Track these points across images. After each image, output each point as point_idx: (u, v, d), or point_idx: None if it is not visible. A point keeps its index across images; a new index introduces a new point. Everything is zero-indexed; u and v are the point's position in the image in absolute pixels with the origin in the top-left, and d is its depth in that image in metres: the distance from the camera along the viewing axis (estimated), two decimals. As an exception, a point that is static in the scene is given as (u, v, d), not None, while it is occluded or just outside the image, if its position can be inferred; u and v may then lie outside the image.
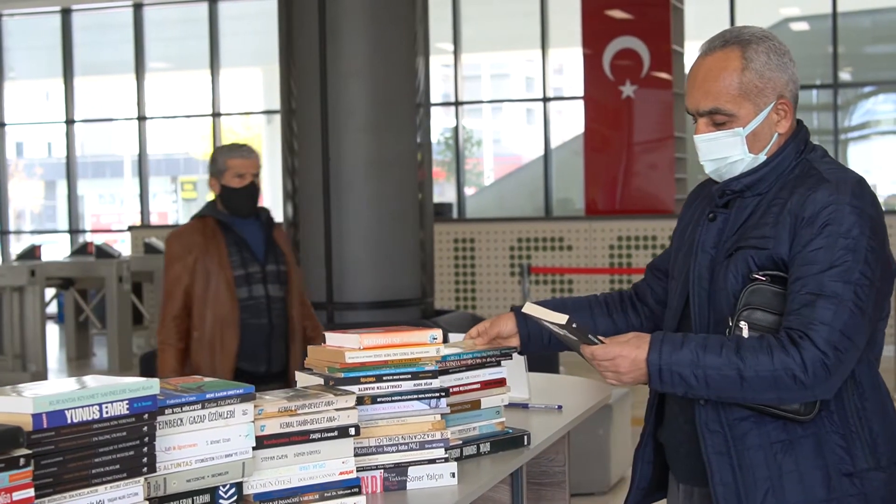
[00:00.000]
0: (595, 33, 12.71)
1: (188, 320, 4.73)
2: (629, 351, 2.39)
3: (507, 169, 18.49)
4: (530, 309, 2.51)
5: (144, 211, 16.35)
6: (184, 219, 20.95)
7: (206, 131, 18.40)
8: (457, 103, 15.17)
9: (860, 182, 2.42)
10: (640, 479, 2.68)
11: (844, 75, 15.10)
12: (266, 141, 20.69)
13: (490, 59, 19.22)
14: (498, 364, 2.85)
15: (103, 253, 11.56)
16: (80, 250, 12.50)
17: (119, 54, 16.83)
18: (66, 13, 16.73)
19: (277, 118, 18.43)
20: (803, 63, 15.52)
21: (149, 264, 12.14)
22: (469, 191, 16.45)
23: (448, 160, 16.21)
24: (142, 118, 16.16)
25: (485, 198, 17.09)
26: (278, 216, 7.57)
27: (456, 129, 15.38)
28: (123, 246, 14.53)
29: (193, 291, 4.75)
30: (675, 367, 2.35)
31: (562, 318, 2.41)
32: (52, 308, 13.98)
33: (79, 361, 11.84)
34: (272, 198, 19.71)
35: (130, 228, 14.50)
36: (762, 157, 2.48)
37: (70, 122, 16.67)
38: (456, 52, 14.91)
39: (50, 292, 12.63)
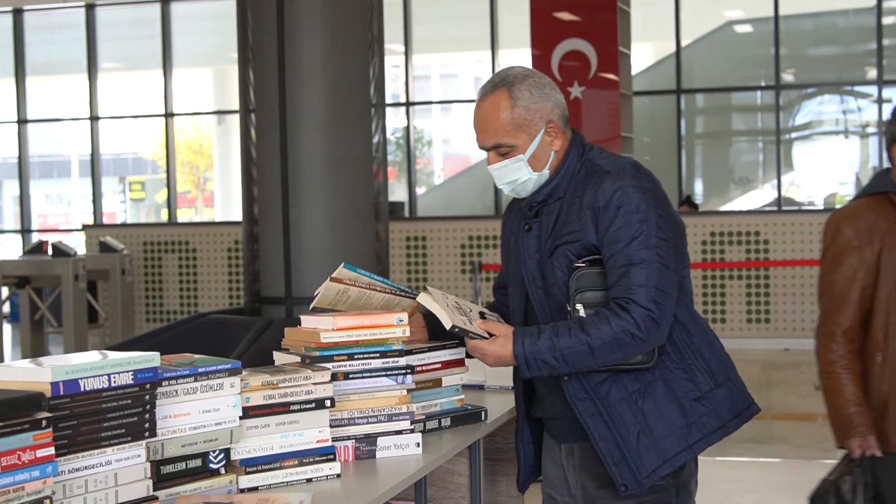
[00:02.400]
0: (543, 35, 12.93)
1: (862, 336, 3.49)
2: (495, 349, 2.84)
3: (456, 168, 18.70)
4: (425, 300, 2.87)
5: (97, 210, 16.42)
6: (132, 219, 20.99)
7: (156, 131, 18.48)
8: (407, 104, 15.38)
9: (635, 165, 2.91)
10: (524, 458, 3.14)
11: (787, 76, 15.41)
12: (216, 141, 20.80)
13: (440, 60, 19.42)
14: (457, 346, 3.10)
15: (59, 251, 11.64)
16: (35, 249, 12.56)
17: (71, 54, 16.88)
18: (17, 13, 16.76)
19: (228, 119, 18.56)
20: (747, 65, 15.88)
21: (104, 263, 12.26)
22: (420, 190, 16.65)
23: (399, 160, 16.40)
24: (94, 118, 16.22)
25: (435, 197, 17.28)
26: (237, 214, 7.75)
27: (407, 129, 15.58)
28: (74, 245, 14.61)
29: (877, 296, 3.45)
30: (538, 355, 2.79)
31: (448, 322, 2.78)
32: (5, 307, 14.03)
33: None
34: (226, 195, 19.85)
35: (85, 227, 14.57)
36: (546, 173, 2.94)
37: (22, 121, 16.71)
38: (406, 53, 15.11)
39: (4, 291, 12.69)
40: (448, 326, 2.79)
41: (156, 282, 13.55)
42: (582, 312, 2.81)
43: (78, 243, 14.72)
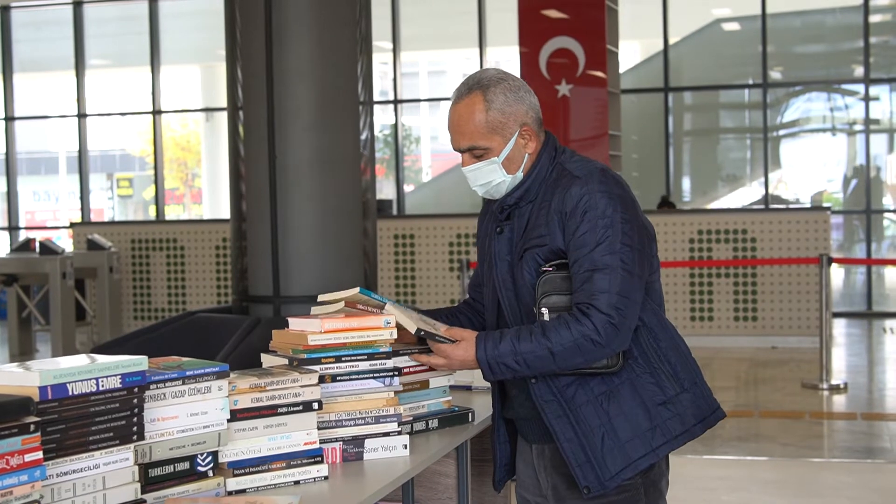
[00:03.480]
0: (531, 33, 12.96)
1: None
2: (459, 353, 2.89)
3: (445, 166, 18.71)
4: (389, 310, 2.93)
5: (85, 208, 16.40)
6: (120, 215, 20.95)
7: (143, 128, 18.45)
8: (395, 101, 15.39)
9: (604, 170, 2.92)
10: (500, 456, 3.17)
11: (774, 74, 15.45)
12: (204, 138, 20.77)
13: (428, 57, 19.42)
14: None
15: (47, 249, 11.65)
16: (23, 247, 12.56)
17: (59, 51, 16.86)
18: (5, 10, 16.73)
19: (216, 116, 18.54)
20: (734, 62, 15.93)
21: (92, 260, 12.26)
22: (408, 187, 16.67)
23: (387, 157, 16.40)
24: (82, 115, 16.20)
25: (423, 194, 17.30)
26: (225, 211, 7.75)
27: (395, 127, 15.59)
28: (61, 243, 14.60)
29: None
30: (500, 359, 2.83)
31: (412, 327, 2.85)
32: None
33: (22, 357, 11.88)
34: (214, 192, 19.82)
35: (72, 225, 14.56)
36: (520, 175, 2.97)
37: (9, 118, 16.68)
38: (395, 51, 15.12)
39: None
40: (413, 330, 2.85)
41: (144, 279, 13.54)
42: (547, 316, 2.85)
43: (60, 237, 14.70)
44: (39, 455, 2.00)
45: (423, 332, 2.86)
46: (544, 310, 2.86)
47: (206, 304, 13.09)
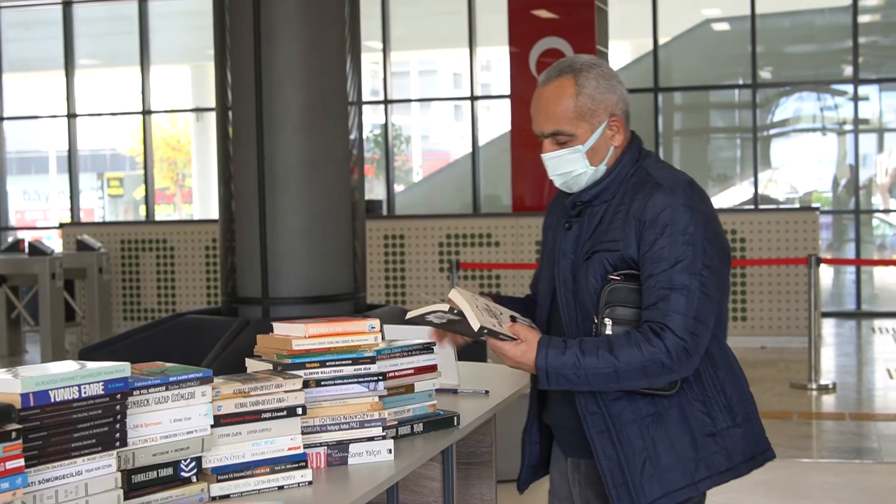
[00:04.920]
0: (521, 33, 12.98)
1: None
2: (516, 353, 2.74)
3: (435, 166, 18.71)
4: (456, 297, 2.79)
5: (75, 208, 16.37)
6: (110, 216, 20.93)
7: (133, 127, 18.43)
8: (386, 101, 15.39)
9: (690, 183, 2.78)
10: (529, 457, 3.07)
11: (764, 74, 15.46)
12: (195, 138, 20.74)
13: (418, 57, 19.42)
14: (430, 351, 3.11)
15: (36, 250, 11.63)
16: (13, 247, 12.54)
17: (48, 51, 16.82)
18: (-6, 10, 16.70)
19: (206, 115, 18.51)
20: (724, 63, 15.94)
21: (81, 261, 12.24)
22: (398, 187, 16.66)
23: (377, 157, 16.40)
24: (72, 115, 16.18)
25: (414, 194, 17.28)
26: (216, 211, 7.75)
27: (385, 126, 15.58)
28: (50, 243, 14.57)
29: None
30: (561, 370, 2.69)
31: (476, 324, 2.71)
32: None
33: (11, 359, 11.88)
34: (204, 192, 19.79)
35: (62, 225, 14.53)
36: (602, 168, 2.84)
37: (-1, 118, 16.65)
38: (385, 50, 15.12)
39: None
40: (476, 328, 2.71)
41: (133, 280, 13.53)
42: (609, 328, 2.72)
43: (50, 237, 14.66)
44: (21, 462, 2.01)
45: (486, 331, 2.71)
46: (608, 321, 2.72)
47: (196, 305, 13.08)
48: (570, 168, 2.83)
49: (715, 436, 2.77)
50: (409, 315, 2.87)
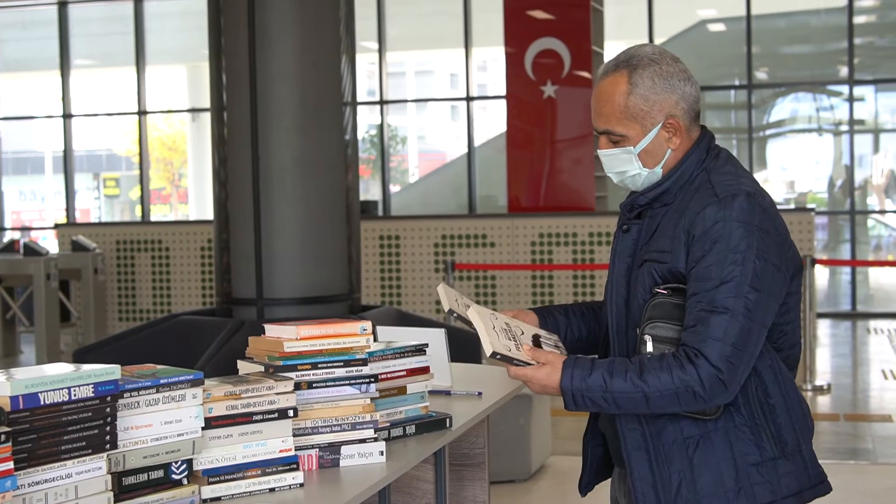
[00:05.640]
0: (517, 33, 12.99)
1: None
2: (540, 377, 2.60)
3: (431, 166, 18.70)
4: (473, 317, 2.68)
5: (70, 208, 16.36)
6: (106, 216, 20.92)
7: (129, 128, 18.41)
8: (381, 101, 15.38)
9: (750, 195, 2.56)
10: (591, 458, 2.90)
11: (760, 75, 15.48)
12: (190, 139, 20.73)
13: (414, 57, 19.42)
14: (422, 353, 3.11)
15: (31, 251, 11.62)
16: (7, 248, 12.53)
17: (44, 51, 16.81)
18: (-11, 10, 16.70)
19: (202, 116, 18.51)
20: (720, 63, 15.94)
21: (76, 262, 12.23)
22: (394, 188, 16.66)
23: (373, 158, 16.39)
24: (67, 115, 16.17)
25: (410, 195, 17.28)
26: (211, 211, 7.74)
27: (381, 127, 15.58)
28: (46, 243, 14.56)
29: None
30: (587, 393, 2.54)
31: (489, 348, 2.59)
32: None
33: (6, 359, 11.87)
34: (200, 192, 19.79)
35: (57, 226, 14.52)
36: (658, 172, 2.68)
37: (-6, 119, 16.65)
38: (381, 51, 15.12)
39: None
40: (488, 353, 2.58)
41: (129, 281, 13.52)
42: (650, 345, 2.56)
43: (46, 237, 14.66)
44: (10, 465, 2.00)
45: (498, 356, 2.59)
46: (647, 337, 2.57)
47: (191, 306, 13.07)
48: (624, 168, 2.70)
49: (759, 465, 2.60)
50: (470, 315, 2.70)
